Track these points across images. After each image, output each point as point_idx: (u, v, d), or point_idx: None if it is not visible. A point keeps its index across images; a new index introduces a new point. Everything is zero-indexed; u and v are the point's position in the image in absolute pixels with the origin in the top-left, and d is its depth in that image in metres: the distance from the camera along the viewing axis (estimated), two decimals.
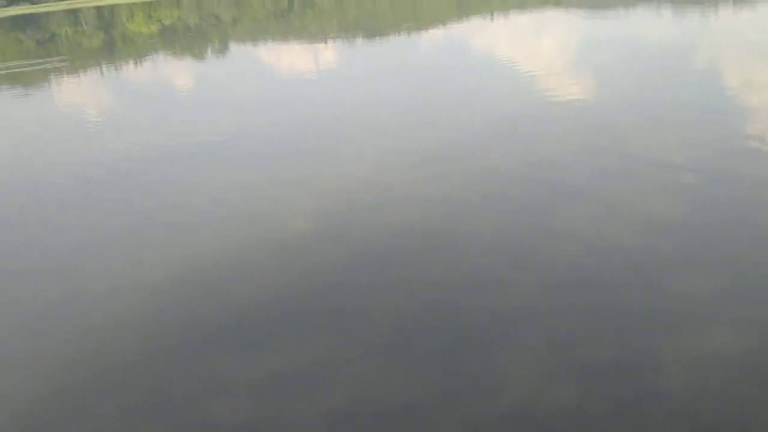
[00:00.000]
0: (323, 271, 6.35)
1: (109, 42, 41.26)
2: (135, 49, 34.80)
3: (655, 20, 23.00)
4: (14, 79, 26.12)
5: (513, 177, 8.53)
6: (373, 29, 31.24)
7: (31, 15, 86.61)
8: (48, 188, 10.33)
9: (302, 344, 5.13)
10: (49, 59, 31.57)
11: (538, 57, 17.52)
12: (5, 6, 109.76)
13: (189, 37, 37.53)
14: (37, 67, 28.86)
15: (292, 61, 23.36)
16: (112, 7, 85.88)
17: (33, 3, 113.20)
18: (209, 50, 30.52)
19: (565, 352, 4.65)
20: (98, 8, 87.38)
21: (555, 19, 27.31)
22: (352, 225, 7.51)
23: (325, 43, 28.46)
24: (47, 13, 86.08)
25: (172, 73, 23.93)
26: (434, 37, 26.02)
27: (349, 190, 8.73)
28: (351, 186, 8.88)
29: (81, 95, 20.42)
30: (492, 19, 30.39)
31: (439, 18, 33.82)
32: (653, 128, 10.03)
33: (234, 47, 31.49)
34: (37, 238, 8.20)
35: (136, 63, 28.68)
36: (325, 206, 8.21)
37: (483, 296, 5.59)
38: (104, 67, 28.00)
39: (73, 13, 78.93)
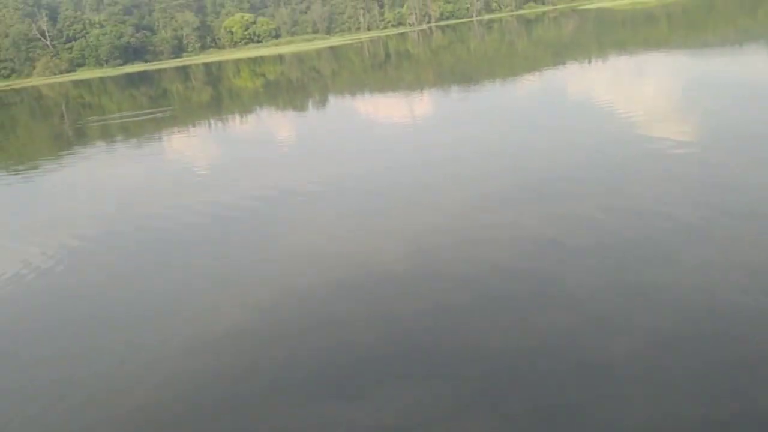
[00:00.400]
0: (423, 316, 6.45)
1: (216, 96, 43.13)
2: (240, 102, 36.33)
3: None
4: (128, 130, 27.73)
5: (610, 224, 8.38)
6: (469, 77, 31.59)
7: (144, 72, 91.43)
8: (163, 233, 10.94)
9: (407, 393, 5.17)
10: (159, 109, 33.53)
11: (638, 101, 17.16)
12: (121, 64, 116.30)
13: (291, 91, 38.89)
14: (149, 117, 30.67)
15: (389, 110, 23.81)
16: (219, 64, 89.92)
17: (146, 61, 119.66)
18: (310, 102, 31.58)
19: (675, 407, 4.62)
20: (207, 65, 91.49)
21: (657, 61, 26.73)
22: (452, 267, 7.62)
23: (421, 92, 29.07)
24: (159, 70, 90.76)
25: (276, 125, 24.93)
26: (530, 83, 26.04)
27: (447, 232, 8.84)
28: (449, 228, 8.99)
29: (190, 146, 21.46)
30: (589, 63, 30.30)
31: (535, 64, 33.84)
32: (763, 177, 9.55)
33: (333, 99, 32.44)
34: (153, 281, 8.78)
35: (241, 115, 30.01)
36: (424, 248, 8.36)
37: (586, 344, 5.59)
38: (212, 119, 29.37)
39: (184, 70, 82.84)
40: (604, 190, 9.90)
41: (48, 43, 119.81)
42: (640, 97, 18.06)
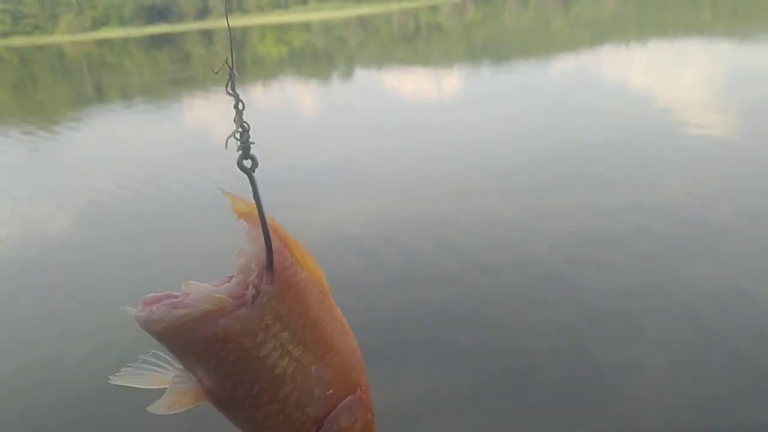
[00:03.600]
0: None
1: (239, 63, 42.14)
2: (263, 70, 35.37)
3: None
4: (148, 92, 27.16)
5: (648, 216, 7.79)
6: (501, 55, 30.36)
7: (168, 34, 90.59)
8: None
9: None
10: (180, 71, 32.90)
11: (676, 90, 16.05)
12: (144, 25, 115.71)
13: (316, 60, 37.88)
14: (169, 79, 30.09)
15: (415, 86, 22.88)
16: (245, 29, 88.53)
17: (170, 22, 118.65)
18: (335, 74, 30.52)
19: None
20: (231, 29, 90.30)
21: (698, 48, 25.46)
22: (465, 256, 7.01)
23: (450, 69, 27.88)
24: (182, 33, 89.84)
25: (296, 96, 24.02)
26: (564, 65, 24.82)
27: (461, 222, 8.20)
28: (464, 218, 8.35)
29: (210, 112, 20.53)
30: (627, 47, 28.94)
31: (571, 45, 32.49)
32: None
33: (359, 71, 31.34)
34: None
35: (263, 84, 28.97)
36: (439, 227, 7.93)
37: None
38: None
39: (207, 34, 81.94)
40: (631, 181, 9.26)
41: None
42: (676, 85, 16.97)
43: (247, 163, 0.98)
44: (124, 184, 11.88)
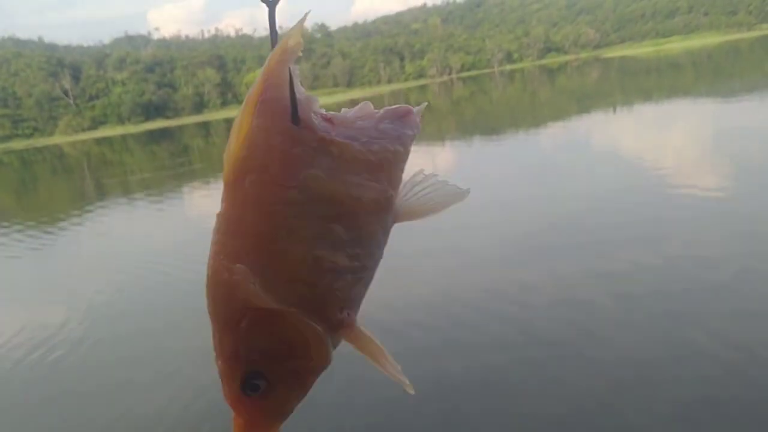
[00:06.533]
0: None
1: None
2: None
3: None
4: (149, 186, 27.45)
5: (650, 279, 7.74)
6: (491, 128, 30.92)
7: (165, 129, 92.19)
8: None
9: None
10: (179, 164, 33.33)
11: (667, 151, 16.37)
12: (142, 121, 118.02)
13: None
14: (169, 172, 30.48)
15: (410, 163, 23.08)
16: None
17: (167, 117, 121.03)
18: None
19: None
20: (227, 120, 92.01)
21: (684, 109, 26.02)
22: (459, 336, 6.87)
23: (443, 144, 28.39)
24: (180, 127, 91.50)
25: None
26: (553, 133, 25.29)
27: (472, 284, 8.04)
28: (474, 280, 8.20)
29: (211, 201, 20.76)
30: (614, 112, 29.54)
31: (558, 113, 33.16)
32: None
33: None
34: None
35: None
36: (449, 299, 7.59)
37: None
38: None
39: (204, 126, 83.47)
40: (636, 243, 9.16)
41: (71, 101, 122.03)
42: (667, 146, 17.26)
43: None
44: (132, 276, 11.92)
